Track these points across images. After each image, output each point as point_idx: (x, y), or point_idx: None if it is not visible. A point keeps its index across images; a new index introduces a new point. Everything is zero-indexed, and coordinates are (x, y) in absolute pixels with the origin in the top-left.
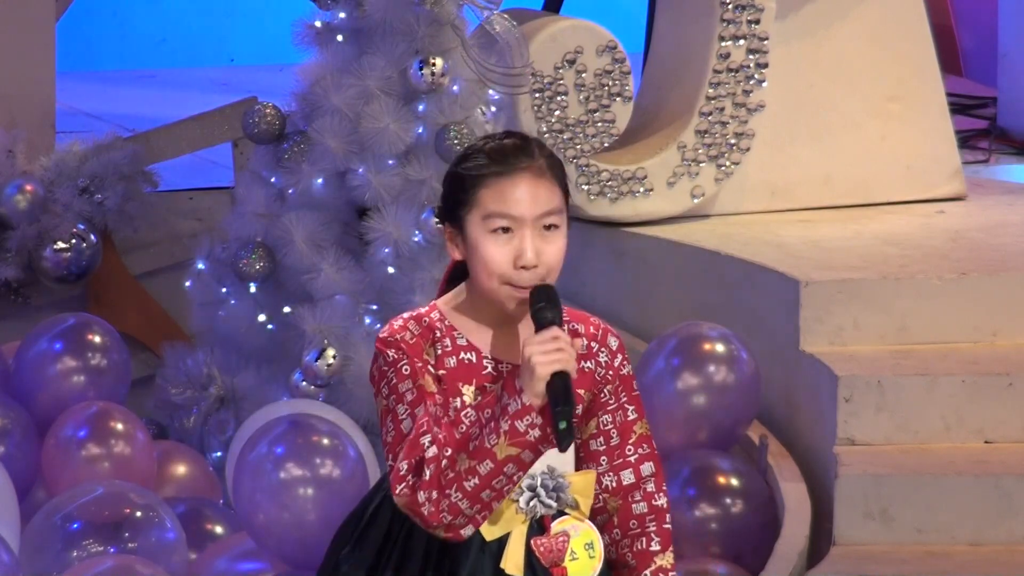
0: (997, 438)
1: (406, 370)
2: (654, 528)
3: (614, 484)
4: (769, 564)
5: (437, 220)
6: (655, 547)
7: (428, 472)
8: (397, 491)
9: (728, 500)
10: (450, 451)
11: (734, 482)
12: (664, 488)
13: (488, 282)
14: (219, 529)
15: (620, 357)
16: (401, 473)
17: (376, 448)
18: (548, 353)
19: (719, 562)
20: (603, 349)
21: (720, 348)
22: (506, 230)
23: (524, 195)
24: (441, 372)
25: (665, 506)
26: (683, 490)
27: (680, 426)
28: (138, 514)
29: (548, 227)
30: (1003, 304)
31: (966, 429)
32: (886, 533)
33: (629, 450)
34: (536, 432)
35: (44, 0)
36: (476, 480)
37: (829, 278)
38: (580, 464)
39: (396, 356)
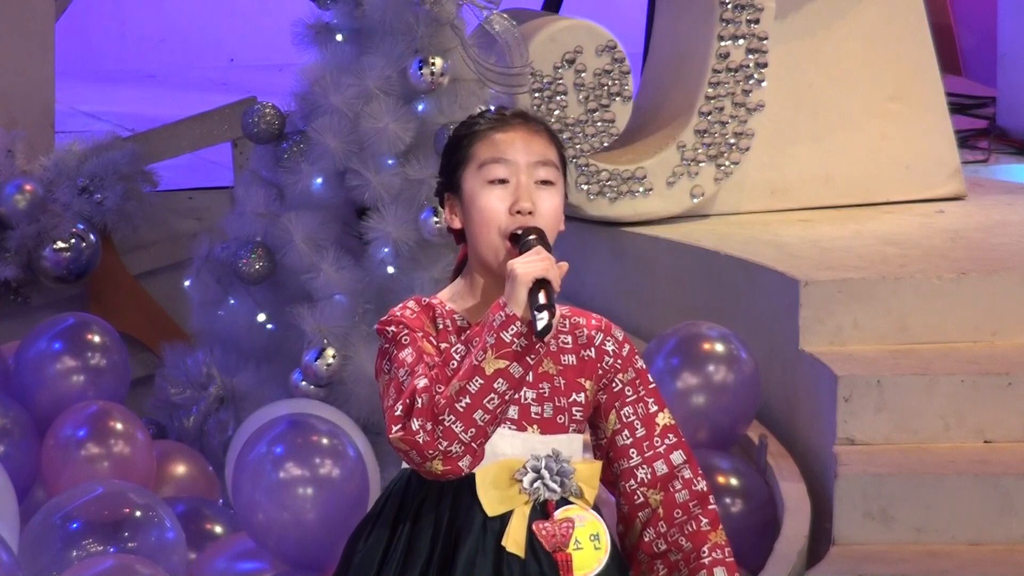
0: (997, 438)
1: (406, 340)
2: (700, 511)
3: (649, 476)
4: (769, 564)
5: (437, 198)
6: (705, 527)
7: (421, 400)
8: (393, 431)
9: (728, 500)
10: (443, 386)
11: (734, 482)
12: (700, 473)
13: (487, 235)
14: (219, 529)
15: (629, 347)
16: (397, 414)
17: (376, 448)
18: (530, 263)
19: None
20: (609, 339)
21: (720, 348)
22: (502, 182)
23: (518, 141)
24: (444, 345)
25: (706, 489)
26: None
27: (680, 426)
28: (138, 514)
29: (544, 183)
30: (1002, 304)
31: (966, 429)
32: (886, 533)
33: (657, 441)
34: (522, 341)
35: (44, 0)
36: (468, 400)
37: (829, 278)
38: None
39: (396, 330)
